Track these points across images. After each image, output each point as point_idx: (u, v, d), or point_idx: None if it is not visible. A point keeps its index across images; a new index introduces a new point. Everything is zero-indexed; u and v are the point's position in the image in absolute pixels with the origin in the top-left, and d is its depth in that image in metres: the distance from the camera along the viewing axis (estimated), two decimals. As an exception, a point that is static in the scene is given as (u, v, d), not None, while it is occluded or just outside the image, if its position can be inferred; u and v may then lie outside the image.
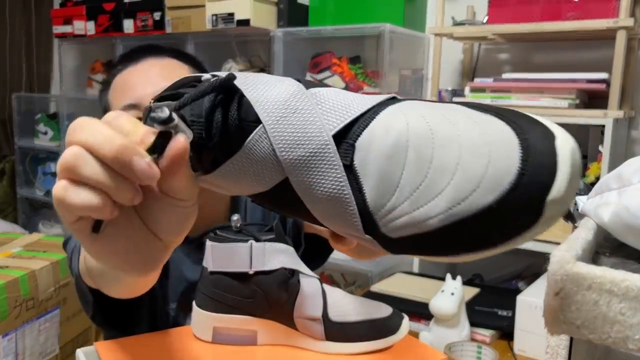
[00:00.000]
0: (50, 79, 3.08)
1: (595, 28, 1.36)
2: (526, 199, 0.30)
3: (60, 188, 0.32)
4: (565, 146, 0.30)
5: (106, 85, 0.87)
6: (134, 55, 0.85)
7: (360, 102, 0.35)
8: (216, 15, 1.99)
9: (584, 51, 1.65)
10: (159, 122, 0.32)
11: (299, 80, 0.36)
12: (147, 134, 0.33)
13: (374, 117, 0.34)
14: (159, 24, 2.20)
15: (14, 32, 2.96)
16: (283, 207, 0.37)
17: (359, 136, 0.34)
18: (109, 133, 0.32)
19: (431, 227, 0.32)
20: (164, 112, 0.32)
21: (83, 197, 0.32)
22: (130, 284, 0.56)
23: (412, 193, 0.32)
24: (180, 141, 0.33)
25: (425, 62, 1.92)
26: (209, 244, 0.65)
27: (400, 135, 0.33)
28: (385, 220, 0.34)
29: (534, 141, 0.30)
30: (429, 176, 0.32)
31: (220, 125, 0.35)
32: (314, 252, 0.95)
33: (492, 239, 0.32)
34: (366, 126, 0.34)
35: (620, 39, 1.34)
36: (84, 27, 2.45)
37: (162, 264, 0.37)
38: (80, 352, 0.65)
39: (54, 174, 2.80)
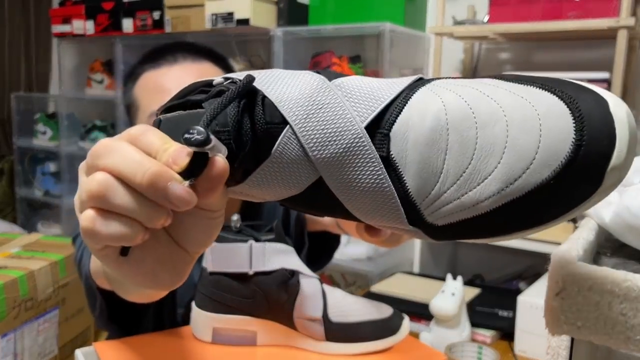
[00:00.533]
0: (49, 78, 3.08)
1: (596, 27, 1.36)
2: (585, 171, 0.28)
3: (89, 219, 0.30)
4: (621, 110, 0.29)
5: (133, 76, 0.83)
6: (168, 53, 0.81)
7: (388, 88, 0.33)
8: (216, 14, 1.99)
9: (585, 51, 1.65)
10: (196, 144, 0.29)
11: (318, 72, 0.34)
12: (180, 155, 0.29)
13: (406, 102, 0.32)
14: (159, 24, 2.20)
15: (13, 31, 2.96)
16: (317, 207, 0.36)
17: (392, 124, 0.32)
18: (139, 158, 0.29)
19: (482, 211, 0.31)
20: (201, 134, 0.29)
21: (114, 228, 0.30)
22: (151, 292, 0.55)
23: (458, 178, 0.30)
24: (221, 163, 0.30)
25: (425, 61, 1.92)
26: (208, 244, 0.65)
27: (438, 118, 0.31)
28: (430, 209, 0.32)
29: (588, 109, 0.29)
30: (475, 158, 0.30)
31: (250, 133, 0.32)
32: (319, 251, 0.95)
33: (548, 215, 0.30)
34: (399, 113, 0.32)
35: (622, 38, 1.34)
36: (83, 26, 2.45)
37: (186, 276, 0.35)
38: (79, 353, 0.65)
39: (52, 174, 2.80)
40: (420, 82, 0.34)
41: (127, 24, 2.30)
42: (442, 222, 0.32)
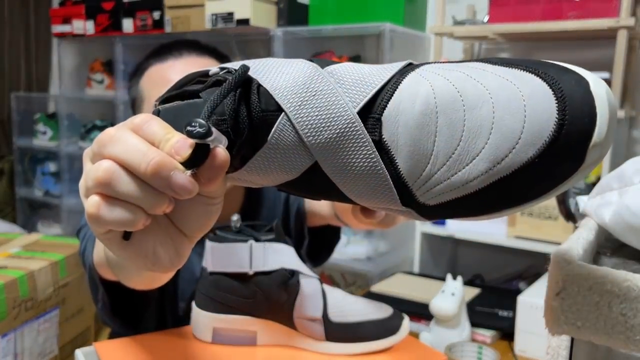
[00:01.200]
0: (49, 78, 3.07)
1: (596, 28, 1.36)
2: (568, 149, 0.30)
3: (94, 205, 0.31)
4: (600, 89, 0.30)
5: (138, 71, 0.86)
6: (174, 49, 0.84)
7: (379, 74, 0.34)
8: (216, 14, 1.99)
9: (585, 51, 1.65)
10: (198, 137, 0.30)
11: (311, 60, 0.35)
12: (183, 146, 0.31)
13: (397, 87, 0.33)
14: (159, 24, 2.20)
15: (13, 31, 2.96)
16: (313, 191, 0.37)
17: (384, 109, 0.33)
18: (144, 148, 0.31)
19: (471, 190, 0.32)
20: (203, 127, 0.30)
21: (117, 213, 0.31)
22: (152, 276, 0.56)
23: (447, 159, 0.32)
24: (222, 154, 0.31)
25: (425, 61, 1.92)
26: (208, 244, 0.65)
27: (428, 102, 0.32)
28: (422, 190, 0.33)
29: (569, 90, 0.30)
30: (464, 139, 0.31)
31: (246, 121, 0.33)
32: (319, 246, 0.96)
33: (533, 192, 0.32)
34: (390, 97, 0.33)
35: (621, 38, 1.34)
36: (83, 26, 2.45)
37: (186, 258, 0.37)
38: (79, 353, 0.65)
39: (52, 174, 2.80)
40: (410, 67, 0.35)
41: (127, 24, 2.30)
42: (434, 202, 0.33)
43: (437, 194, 0.33)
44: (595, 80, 0.30)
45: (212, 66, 0.89)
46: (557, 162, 0.30)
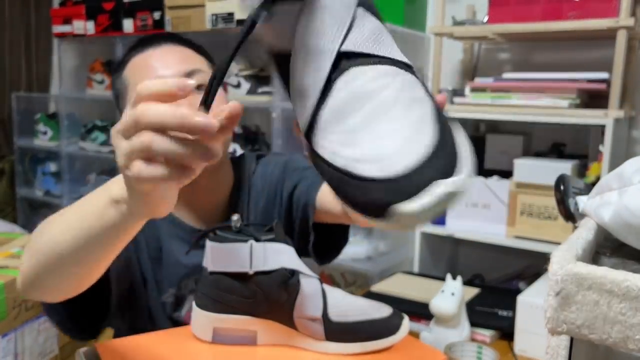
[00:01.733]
0: (50, 78, 3.07)
1: (595, 28, 1.36)
2: (380, 195, 0.34)
3: (138, 167, 0.40)
4: (443, 190, 0.33)
5: (121, 65, 0.90)
6: (154, 40, 0.89)
7: (381, 48, 0.41)
8: (216, 15, 1.99)
9: (585, 51, 1.65)
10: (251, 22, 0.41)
11: None
12: (182, 82, 0.41)
13: (378, 63, 0.40)
14: (159, 24, 2.20)
15: (14, 31, 2.96)
16: (281, 74, 0.45)
17: (355, 67, 0.39)
18: (167, 108, 0.40)
19: (334, 162, 0.38)
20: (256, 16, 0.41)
21: (159, 170, 0.40)
22: (74, 285, 0.58)
23: (344, 134, 0.38)
24: (238, 108, 0.42)
25: (425, 61, 1.92)
26: (208, 244, 0.65)
27: (374, 91, 0.38)
28: (318, 136, 0.40)
29: (432, 164, 0.34)
30: (361, 131, 0.37)
31: None
32: (328, 244, 0.95)
33: (357, 203, 0.37)
34: (367, 64, 0.39)
35: (621, 38, 1.34)
36: (84, 26, 2.45)
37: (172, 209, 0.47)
38: (80, 352, 0.65)
39: (53, 174, 2.80)
40: (408, 67, 0.41)
41: (128, 24, 2.30)
42: (318, 150, 0.40)
43: (321, 147, 0.40)
44: (457, 184, 0.33)
45: (190, 55, 1.04)
46: (369, 195, 0.35)
